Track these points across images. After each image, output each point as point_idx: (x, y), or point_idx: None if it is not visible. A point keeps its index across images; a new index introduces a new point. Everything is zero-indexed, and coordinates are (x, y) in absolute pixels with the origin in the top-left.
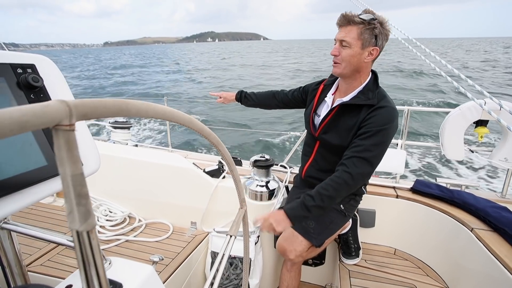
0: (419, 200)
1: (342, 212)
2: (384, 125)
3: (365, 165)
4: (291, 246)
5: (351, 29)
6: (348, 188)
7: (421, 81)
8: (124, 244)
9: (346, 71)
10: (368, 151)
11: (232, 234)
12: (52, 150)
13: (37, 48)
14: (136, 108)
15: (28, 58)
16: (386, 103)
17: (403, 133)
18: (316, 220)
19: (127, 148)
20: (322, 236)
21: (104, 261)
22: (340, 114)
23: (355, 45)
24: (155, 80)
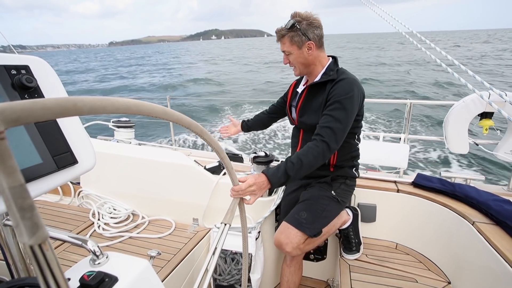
0: (420, 194)
1: (334, 198)
2: (347, 94)
3: (337, 132)
4: (287, 239)
5: (285, 40)
6: (324, 156)
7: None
8: (128, 240)
9: (302, 70)
10: (337, 120)
11: (227, 222)
12: (47, 149)
13: (43, 50)
14: (89, 106)
15: (22, 59)
16: (345, 76)
17: (406, 127)
18: (308, 209)
19: (130, 147)
20: (315, 225)
21: (101, 256)
22: (310, 96)
23: (292, 49)
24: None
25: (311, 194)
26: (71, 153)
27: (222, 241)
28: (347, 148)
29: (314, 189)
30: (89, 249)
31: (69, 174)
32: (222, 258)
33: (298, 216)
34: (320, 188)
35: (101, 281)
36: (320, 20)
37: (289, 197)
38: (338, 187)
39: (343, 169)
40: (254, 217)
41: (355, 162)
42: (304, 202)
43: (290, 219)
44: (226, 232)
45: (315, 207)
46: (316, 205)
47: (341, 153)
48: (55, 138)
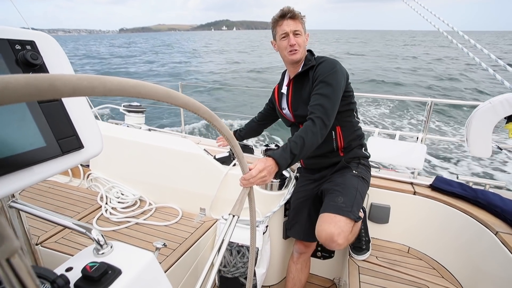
0: (438, 198)
1: (359, 177)
2: (330, 71)
3: (328, 107)
4: (339, 228)
5: (299, 22)
6: (321, 132)
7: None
8: (134, 226)
9: (303, 55)
10: (325, 96)
11: (235, 214)
12: (52, 132)
13: (55, 34)
14: (71, 86)
15: (27, 34)
16: (324, 58)
17: (425, 127)
18: (342, 194)
19: (140, 132)
20: (355, 208)
21: (105, 246)
22: (297, 88)
23: (303, 32)
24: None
25: (336, 181)
26: (77, 137)
27: (230, 233)
28: (349, 127)
29: (335, 176)
30: (93, 238)
31: (74, 159)
32: (228, 250)
33: (335, 203)
34: (341, 173)
35: (104, 273)
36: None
37: (300, 192)
38: (356, 167)
39: (353, 150)
40: (263, 211)
41: (362, 141)
42: (333, 189)
43: (330, 208)
44: (234, 224)
45: (348, 190)
46: (347, 187)
47: (346, 134)
48: (61, 120)
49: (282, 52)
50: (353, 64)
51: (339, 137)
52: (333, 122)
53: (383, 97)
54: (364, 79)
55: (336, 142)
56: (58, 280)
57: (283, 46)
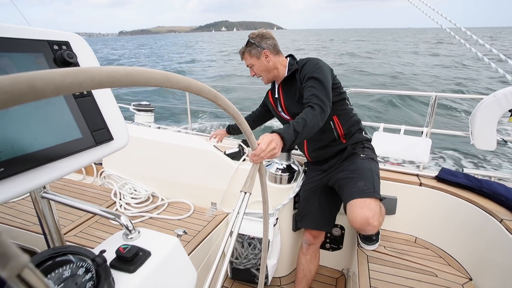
0: (444, 189)
1: (369, 159)
2: (314, 67)
3: (322, 96)
4: (372, 210)
5: (245, 56)
6: (321, 116)
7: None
8: (148, 220)
9: (268, 77)
10: (317, 88)
11: (247, 191)
12: (86, 124)
13: None
14: (54, 86)
15: (62, 35)
16: (306, 59)
17: (430, 121)
18: (360, 178)
19: (151, 130)
20: (376, 188)
21: (133, 231)
22: (287, 92)
23: (253, 61)
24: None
25: (349, 168)
26: (107, 130)
27: (243, 211)
28: (345, 114)
29: (346, 165)
30: (122, 223)
31: (106, 150)
32: (240, 242)
33: (357, 188)
34: (350, 160)
35: (136, 254)
36: (271, 33)
37: (309, 184)
38: (363, 151)
39: (354, 135)
40: (273, 204)
41: (360, 126)
42: (350, 176)
43: (355, 194)
44: (246, 201)
45: (364, 173)
46: (362, 171)
47: (343, 121)
48: (94, 114)
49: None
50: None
51: (337, 125)
52: (329, 113)
53: (386, 93)
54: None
55: (336, 131)
56: (97, 258)
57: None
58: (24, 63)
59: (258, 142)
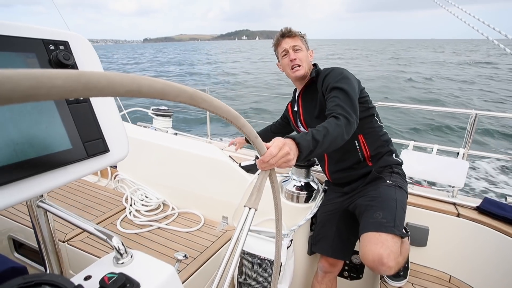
0: (487, 222)
1: (395, 186)
2: (339, 76)
3: (347, 106)
4: (387, 249)
5: (298, 39)
6: (346, 128)
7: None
8: (156, 230)
9: (307, 70)
10: (342, 98)
11: (251, 206)
12: (78, 133)
13: None
14: (22, 90)
15: (62, 35)
16: (330, 69)
17: (468, 141)
18: (380, 208)
19: (167, 136)
20: (398, 222)
21: (125, 255)
22: (306, 103)
23: (304, 48)
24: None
25: (370, 194)
26: (103, 141)
27: (246, 231)
28: (373, 133)
29: (368, 189)
30: (113, 245)
31: (99, 163)
32: (249, 262)
33: (374, 219)
34: (374, 186)
35: (122, 286)
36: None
37: (328, 206)
38: (390, 176)
39: (383, 158)
40: (288, 224)
41: (391, 147)
42: (369, 205)
43: (370, 227)
44: (250, 219)
45: (386, 203)
46: (385, 200)
47: (370, 141)
48: (88, 122)
49: (285, 70)
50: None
51: (363, 146)
52: (355, 131)
53: (422, 109)
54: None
55: (361, 152)
56: None
57: (285, 64)
58: (10, 63)
59: (267, 145)
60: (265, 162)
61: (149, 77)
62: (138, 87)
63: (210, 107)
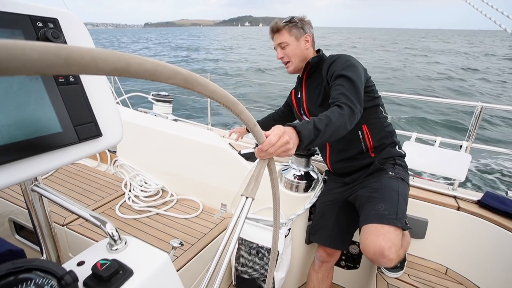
0: (487, 217)
1: (397, 178)
2: (345, 64)
3: (352, 95)
4: (389, 241)
5: (282, 32)
6: (349, 118)
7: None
8: (154, 216)
9: (297, 64)
10: (347, 87)
11: (249, 196)
12: (69, 116)
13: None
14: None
15: (51, 11)
16: (336, 56)
17: (471, 134)
18: (382, 199)
19: (167, 122)
20: (400, 214)
21: (119, 241)
22: (310, 89)
23: (291, 40)
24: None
25: (372, 186)
26: (96, 124)
27: (242, 220)
28: (377, 124)
29: (370, 181)
30: (106, 232)
31: (91, 148)
32: (247, 249)
33: (376, 211)
34: (376, 177)
35: (115, 273)
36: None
37: (327, 196)
38: (393, 168)
39: (386, 149)
40: (286, 213)
41: (395, 139)
42: (371, 196)
43: (372, 218)
44: (247, 209)
45: (388, 195)
46: (387, 192)
47: (374, 132)
48: (80, 105)
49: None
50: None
51: (367, 137)
52: (359, 120)
53: (425, 100)
54: None
55: (364, 143)
56: (66, 277)
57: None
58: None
59: (266, 134)
60: (263, 151)
61: (139, 56)
62: (126, 65)
63: (206, 91)
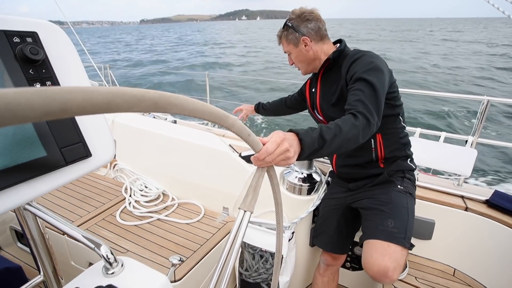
0: (496, 217)
1: (407, 193)
2: (368, 66)
3: (370, 105)
4: (394, 261)
5: (282, 41)
6: (364, 130)
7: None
8: (156, 222)
9: (306, 68)
10: (366, 92)
11: (247, 209)
12: (54, 138)
13: (79, 26)
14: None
15: (29, 24)
16: (361, 53)
17: (477, 129)
18: (392, 216)
19: (166, 124)
20: (408, 234)
21: (115, 264)
22: (325, 86)
23: (291, 48)
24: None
25: (380, 197)
26: (84, 145)
27: (242, 235)
28: (393, 134)
29: (377, 192)
30: (101, 255)
31: (80, 170)
32: (250, 254)
33: (385, 227)
34: (384, 188)
35: None
36: (317, 13)
37: (331, 200)
38: (401, 181)
39: (396, 162)
40: (290, 217)
41: (408, 152)
42: (379, 209)
43: (380, 235)
44: (246, 223)
45: (398, 211)
46: (397, 207)
47: (388, 143)
48: (65, 125)
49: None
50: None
51: (379, 147)
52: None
53: (431, 94)
54: None
55: (376, 152)
56: None
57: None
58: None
59: (264, 141)
60: (260, 160)
61: (86, 87)
62: (62, 105)
63: (185, 110)
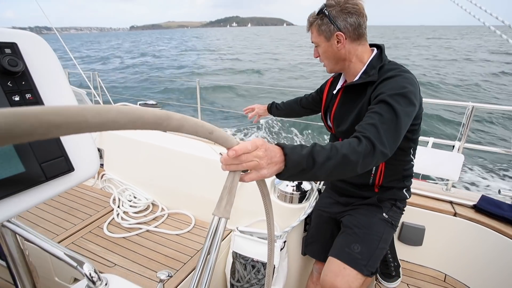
0: (484, 222)
1: (388, 222)
2: (401, 88)
3: (384, 134)
4: (346, 283)
5: (313, 29)
6: (366, 158)
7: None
8: (145, 234)
9: (332, 67)
10: (385, 119)
11: (221, 216)
12: (33, 153)
13: (67, 32)
14: None
15: (9, 35)
16: (394, 72)
17: (464, 134)
18: (361, 241)
19: (155, 133)
20: (372, 262)
21: (99, 282)
22: (346, 100)
23: (320, 41)
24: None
25: (360, 219)
26: (66, 158)
27: (217, 239)
28: (398, 165)
29: (361, 212)
30: (84, 273)
31: (62, 185)
32: (242, 264)
33: (350, 250)
34: (368, 211)
35: None
36: (361, 5)
37: (322, 212)
38: (389, 209)
39: (391, 190)
40: (281, 225)
41: (406, 183)
42: (353, 231)
43: (342, 256)
44: (222, 230)
45: (370, 237)
46: (370, 234)
47: (390, 172)
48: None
49: None
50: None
51: (379, 174)
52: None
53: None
54: None
55: (374, 178)
56: None
57: None
58: None
59: (240, 142)
60: (236, 156)
61: (27, 108)
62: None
63: (126, 124)
